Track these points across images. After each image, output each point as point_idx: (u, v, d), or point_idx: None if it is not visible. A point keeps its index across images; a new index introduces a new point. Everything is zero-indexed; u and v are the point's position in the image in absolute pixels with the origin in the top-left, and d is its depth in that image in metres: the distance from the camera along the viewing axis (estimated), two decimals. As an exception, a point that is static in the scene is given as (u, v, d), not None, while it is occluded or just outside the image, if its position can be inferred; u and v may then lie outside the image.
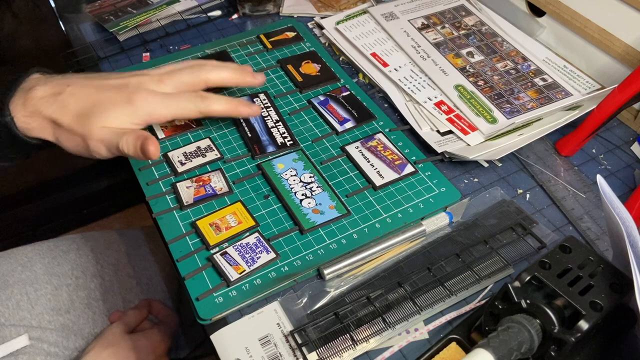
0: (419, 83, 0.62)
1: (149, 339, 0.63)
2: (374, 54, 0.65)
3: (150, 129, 0.57)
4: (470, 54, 0.65)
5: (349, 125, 0.58)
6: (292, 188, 0.52)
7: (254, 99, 0.61)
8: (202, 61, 0.54)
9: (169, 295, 0.73)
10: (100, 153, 0.49)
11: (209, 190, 0.52)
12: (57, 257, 0.69)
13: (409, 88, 0.61)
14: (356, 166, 0.54)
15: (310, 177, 0.53)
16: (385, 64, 0.64)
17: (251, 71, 0.56)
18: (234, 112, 0.52)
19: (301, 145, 0.57)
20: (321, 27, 0.71)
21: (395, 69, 0.63)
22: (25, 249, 0.69)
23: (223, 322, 0.44)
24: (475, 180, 0.54)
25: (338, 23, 0.70)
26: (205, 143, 0.56)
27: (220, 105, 0.51)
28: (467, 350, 0.41)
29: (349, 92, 0.62)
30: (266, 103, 0.60)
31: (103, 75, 0.51)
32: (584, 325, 0.35)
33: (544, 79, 0.62)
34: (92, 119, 0.47)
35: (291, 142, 0.57)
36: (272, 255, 0.47)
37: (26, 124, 0.49)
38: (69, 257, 0.69)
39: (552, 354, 0.36)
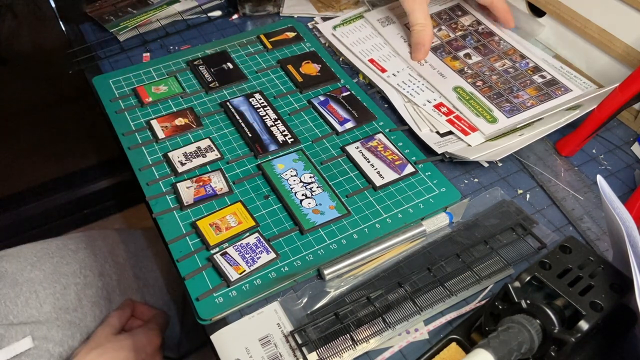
0: (418, 87, 0.62)
1: (136, 338, 0.63)
2: (371, 60, 0.65)
3: (150, 128, 0.57)
4: (467, 55, 0.65)
5: (349, 125, 0.58)
6: (292, 188, 0.52)
7: (250, 99, 0.61)
8: None
9: (174, 297, 0.73)
10: None
11: (209, 191, 0.52)
12: (65, 256, 0.69)
13: (407, 92, 0.61)
14: (356, 166, 0.54)
15: (310, 177, 0.53)
16: (383, 70, 0.64)
17: None
18: None
19: (302, 144, 0.57)
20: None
21: (393, 74, 0.63)
22: (35, 247, 0.70)
23: (223, 323, 0.44)
24: (476, 180, 0.54)
25: (335, 27, 0.70)
26: (205, 143, 0.56)
27: None
28: (467, 350, 0.41)
29: (349, 93, 0.62)
30: (262, 102, 0.60)
31: None
32: (584, 325, 0.35)
33: (542, 76, 0.61)
34: None
35: (292, 139, 0.57)
36: (272, 255, 0.47)
37: None
38: (78, 256, 0.70)
39: (552, 354, 0.36)
